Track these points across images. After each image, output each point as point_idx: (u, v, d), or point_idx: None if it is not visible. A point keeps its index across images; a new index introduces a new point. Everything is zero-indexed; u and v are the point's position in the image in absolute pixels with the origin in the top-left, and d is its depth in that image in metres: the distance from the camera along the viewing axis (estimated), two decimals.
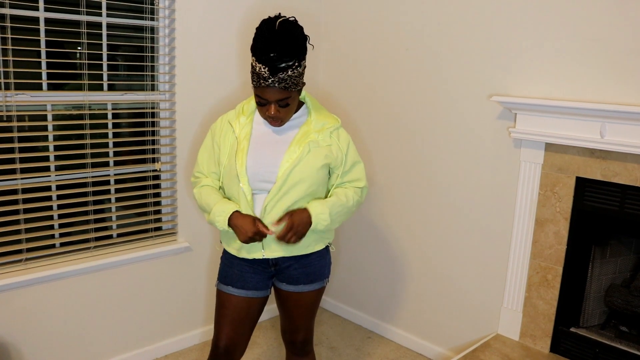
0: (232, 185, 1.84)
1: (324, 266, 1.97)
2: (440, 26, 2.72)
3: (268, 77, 1.64)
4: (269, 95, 1.69)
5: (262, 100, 1.71)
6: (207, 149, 1.94)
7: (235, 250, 1.90)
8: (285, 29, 1.65)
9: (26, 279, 2.32)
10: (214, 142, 1.91)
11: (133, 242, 2.72)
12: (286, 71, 1.65)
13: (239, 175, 1.79)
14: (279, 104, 1.71)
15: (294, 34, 1.66)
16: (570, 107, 2.20)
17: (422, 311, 3.01)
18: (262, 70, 1.64)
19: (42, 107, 2.37)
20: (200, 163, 1.96)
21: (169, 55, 2.70)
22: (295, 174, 1.78)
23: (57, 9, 2.33)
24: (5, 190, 2.29)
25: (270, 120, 1.78)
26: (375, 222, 3.17)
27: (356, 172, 1.93)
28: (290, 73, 1.66)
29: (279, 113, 1.73)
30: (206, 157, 1.94)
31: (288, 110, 1.76)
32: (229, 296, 1.91)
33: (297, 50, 1.66)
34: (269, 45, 1.62)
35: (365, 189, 1.97)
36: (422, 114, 2.86)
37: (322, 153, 1.83)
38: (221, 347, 1.91)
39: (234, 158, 1.82)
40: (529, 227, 2.51)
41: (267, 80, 1.65)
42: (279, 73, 1.64)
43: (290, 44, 1.64)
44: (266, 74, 1.64)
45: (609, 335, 2.46)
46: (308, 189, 1.81)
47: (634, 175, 2.18)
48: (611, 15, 2.16)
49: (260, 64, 1.64)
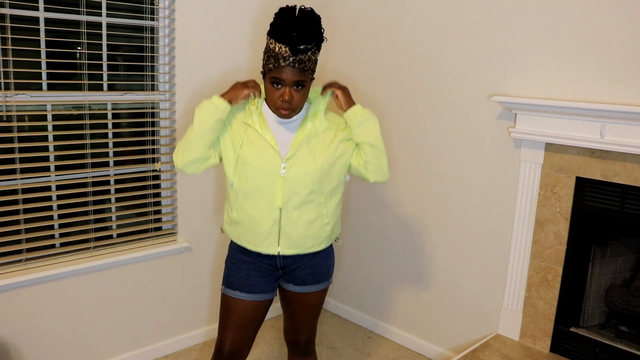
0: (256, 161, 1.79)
1: (329, 266, 1.98)
2: (440, 26, 2.72)
3: (288, 57, 1.65)
4: (287, 75, 1.68)
5: (279, 80, 1.70)
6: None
7: (253, 245, 1.86)
8: (306, 15, 1.69)
9: (26, 279, 2.32)
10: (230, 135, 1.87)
11: (133, 242, 2.72)
12: (305, 53, 1.67)
13: (269, 141, 1.78)
14: (295, 86, 1.71)
15: (314, 19, 1.70)
16: (570, 107, 2.20)
17: (422, 311, 3.01)
18: (281, 49, 1.65)
19: (42, 107, 2.37)
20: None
21: (169, 55, 2.70)
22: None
23: (57, 9, 2.33)
24: (5, 190, 2.29)
25: (281, 109, 1.75)
26: (375, 222, 3.17)
27: None
28: (309, 55, 1.68)
29: (293, 98, 1.72)
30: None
31: (300, 98, 1.74)
32: (235, 301, 1.89)
33: (316, 34, 1.69)
34: (291, 26, 1.65)
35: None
36: (422, 114, 2.86)
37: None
38: (225, 352, 1.89)
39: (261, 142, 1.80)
40: (529, 227, 2.51)
41: (287, 60, 1.65)
42: (298, 53, 1.66)
43: (311, 28, 1.67)
44: (286, 53, 1.65)
45: (609, 335, 2.46)
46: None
47: (634, 175, 2.18)
48: (611, 16, 2.16)
49: (281, 44, 1.66)
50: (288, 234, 1.83)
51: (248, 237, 1.87)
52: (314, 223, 1.84)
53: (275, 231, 1.82)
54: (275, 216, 1.80)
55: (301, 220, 1.82)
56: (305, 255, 1.90)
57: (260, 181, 1.79)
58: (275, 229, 1.82)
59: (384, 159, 1.87)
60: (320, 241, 1.89)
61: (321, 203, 1.84)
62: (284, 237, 1.83)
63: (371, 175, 1.88)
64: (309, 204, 1.81)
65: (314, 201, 1.82)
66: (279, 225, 1.82)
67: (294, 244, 1.85)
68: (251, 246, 1.86)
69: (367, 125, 1.82)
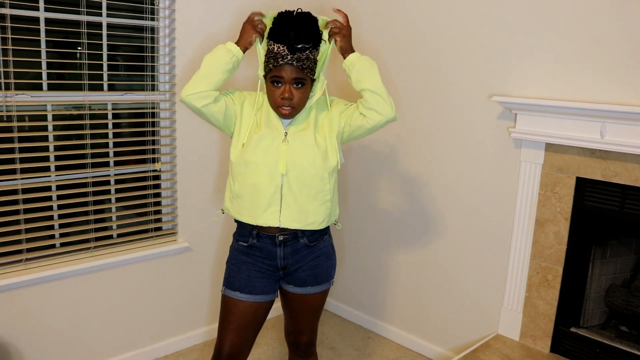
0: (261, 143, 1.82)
1: (330, 267, 1.98)
2: (440, 26, 2.72)
3: (286, 55, 1.71)
4: (286, 72, 1.73)
5: (278, 78, 1.74)
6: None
7: (253, 218, 1.84)
8: (303, 16, 1.75)
9: (26, 279, 2.32)
10: (242, 103, 1.87)
11: (133, 242, 2.72)
12: (303, 52, 1.72)
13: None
14: (294, 83, 1.74)
15: (311, 21, 1.76)
16: (570, 107, 2.20)
17: (422, 311, 3.01)
18: (280, 49, 1.71)
19: (42, 107, 2.37)
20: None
21: (169, 55, 2.70)
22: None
23: (57, 9, 2.33)
24: (5, 190, 2.29)
25: (282, 107, 1.77)
26: (375, 222, 3.17)
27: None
28: (307, 54, 1.73)
29: (292, 95, 1.75)
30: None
31: (300, 96, 1.77)
32: (236, 302, 1.89)
33: (313, 35, 1.74)
34: (288, 27, 1.71)
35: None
36: (422, 114, 2.86)
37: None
38: (224, 354, 1.88)
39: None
40: (529, 227, 2.51)
41: (285, 58, 1.71)
42: (297, 52, 1.71)
43: (308, 28, 1.73)
44: (284, 51, 1.71)
45: (609, 335, 2.46)
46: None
47: (634, 175, 2.18)
48: (611, 16, 2.16)
49: (279, 44, 1.71)
50: (289, 203, 1.82)
51: (249, 209, 1.85)
52: (316, 197, 1.84)
53: (277, 200, 1.81)
54: (277, 183, 1.80)
55: (303, 192, 1.82)
56: (307, 255, 1.90)
57: (264, 148, 1.80)
58: (277, 197, 1.81)
59: (387, 104, 1.81)
60: (321, 219, 1.88)
61: (324, 178, 1.84)
62: (286, 206, 1.82)
63: (371, 122, 1.82)
64: (311, 177, 1.82)
65: (316, 175, 1.82)
66: (281, 194, 1.81)
67: (295, 217, 1.83)
68: (251, 219, 1.85)
69: (365, 72, 1.80)
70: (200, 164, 2.86)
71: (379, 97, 1.79)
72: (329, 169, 1.85)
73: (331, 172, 1.87)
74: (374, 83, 1.80)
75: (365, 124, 1.83)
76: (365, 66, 1.80)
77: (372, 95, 1.79)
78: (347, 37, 1.82)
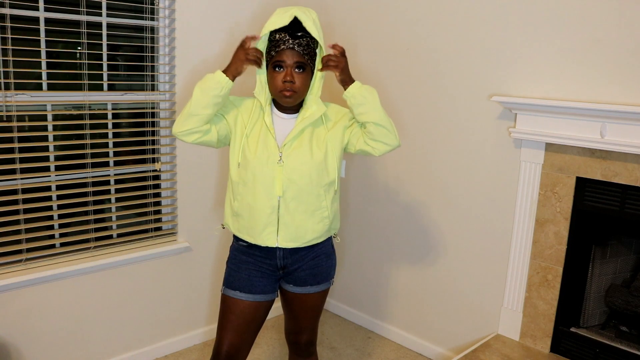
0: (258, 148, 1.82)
1: (330, 267, 1.98)
2: (440, 26, 2.72)
3: (287, 40, 1.74)
4: (288, 56, 1.75)
5: (280, 62, 1.75)
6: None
7: (252, 237, 1.86)
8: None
9: (26, 279, 2.32)
10: (236, 115, 1.88)
11: (133, 242, 2.72)
12: (304, 39, 1.75)
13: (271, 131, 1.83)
14: (296, 68, 1.75)
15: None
16: (570, 107, 2.20)
17: (422, 311, 3.01)
18: (281, 36, 1.75)
19: (42, 107, 2.37)
20: None
21: (169, 55, 2.70)
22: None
23: (57, 9, 2.33)
24: (5, 190, 2.29)
25: (284, 91, 1.77)
26: (375, 222, 3.17)
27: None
28: (307, 41, 1.76)
29: (294, 79, 1.76)
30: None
31: (302, 82, 1.77)
32: (235, 301, 1.89)
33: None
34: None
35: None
36: (422, 113, 2.86)
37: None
38: (223, 353, 1.88)
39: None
40: (529, 227, 2.51)
41: (287, 43, 1.74)
42: (297, 39, 1.75)
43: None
44: (286, 37, 1.74)
45: (609, 335, 2.46)
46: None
47: (634, 175, 2.18)
48: (611, 16, 2.16)
49: (280, 32, 1.75)
50: (286, 223, 1.82)
51: (247, 228, 1.86)
52: (313, 215, 1.85)
53: (274, 220, 1.82)
54: (273, 204, 1.81)
55: (299, 210, 1.82)
56: (306, 254, 1.90)
57: (259, 170, 1.80)
58: (273, 218, 1.82)
59: (392, 134, 1.84)
60: (320, 235, 1.89)
61: (320, 195, 1.85)
62: (283, 227, 1.83)
63: (377, 152, 1.87)
64: (308, 195, 1.82)
65: (312, 192, 1.82)
66: (278, 215, 1.82)
67: (293, 236, 1.84)
68: (250, 238, 1.86)
69: (367, 104, 1.80)
70: (200, 164, 2.86)
71: (384, 129, 1.81)
72: (326, 185, 1.85)
73: (328, 187, 1.86)
74: (378, 115, 1.80)
75: (372, 152, 1.87)
76: (366, 97, 1.80)
77: (377, 127, 1.81)
78: (345, 69, 1.81)
